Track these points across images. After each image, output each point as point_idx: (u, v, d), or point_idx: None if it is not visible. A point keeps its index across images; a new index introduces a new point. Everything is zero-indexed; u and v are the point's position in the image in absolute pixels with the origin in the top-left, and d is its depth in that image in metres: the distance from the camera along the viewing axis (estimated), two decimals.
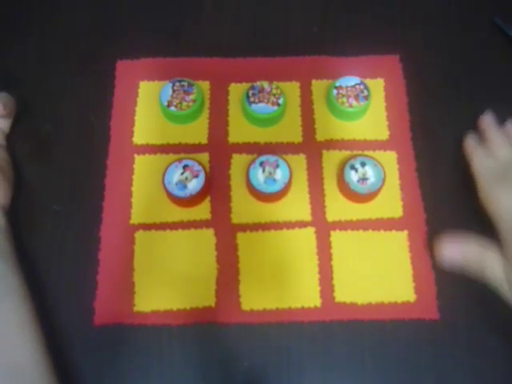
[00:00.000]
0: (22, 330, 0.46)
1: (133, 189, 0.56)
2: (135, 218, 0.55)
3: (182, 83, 0.58)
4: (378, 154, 0.57)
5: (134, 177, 0.57)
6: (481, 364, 0.50)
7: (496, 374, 0.50)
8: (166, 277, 0.53)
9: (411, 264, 0.53)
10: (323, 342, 0.51)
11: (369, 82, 0.60)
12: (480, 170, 0.53)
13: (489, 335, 0.51)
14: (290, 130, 0.59)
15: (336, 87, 0.58)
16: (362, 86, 0.58)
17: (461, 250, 0.49)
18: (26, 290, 0.48)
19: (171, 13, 0.65)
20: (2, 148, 0.56)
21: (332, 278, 0.53)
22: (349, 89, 0.58)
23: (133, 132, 0.59)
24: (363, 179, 0.54)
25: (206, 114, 0.60)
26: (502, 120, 0.59)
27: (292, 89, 0.61)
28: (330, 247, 0.54)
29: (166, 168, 0.54)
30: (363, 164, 0.55)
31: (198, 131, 0.59)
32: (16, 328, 0.46)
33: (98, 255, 0.53)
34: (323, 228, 0.55)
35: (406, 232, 0.54)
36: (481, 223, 0.55)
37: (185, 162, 0.54)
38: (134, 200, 0.56)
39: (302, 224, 0.55)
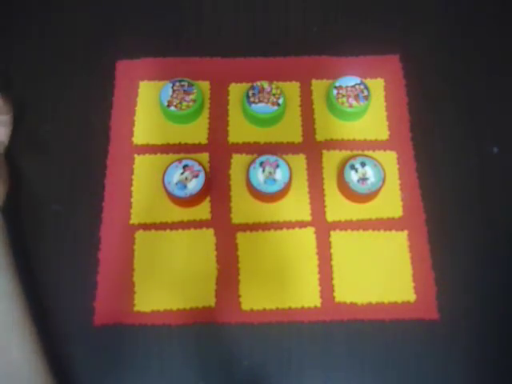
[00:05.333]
0: (14, 331, 0.46)
1: (133, 189, 0.56)
2: (135, 218, 0.55)
3: (182, 83, 0.58)
4: (378, 154, 0.57)
5: (133, 177, 0.57)
6: (480, 364, 0.50)
7: (496, 374, 0.50)
8: (165, 277, 0.53)
9: (411, 264, 0.53)
10: (323, 342, 0.51)
11: (369, 82, 0.60)
12: None
13: (488, 335, 0.51)
14: (290, 130, 0.59)
15: (336, 87, 0.58)
16: (362, 86, 0.58)
17: None
18: (19, 291, 0.47)
19: (171, 13, 0.65)
20: None
21: (332, 278, 0.53)
22: (349, 89, 0.58)
23: (133, 132, 0.59)
24: (363, 179, 0.54)
25: (205, 114, 0.59)
26: (502, 121, 0.59)
27: (292, 89, 0.61)
28: (329, 247, 0.54)
29: (166, 168, 0.54)
30: (363, 164, 0.55)
31: (198, 131, 0.59)
32: (8, 329, 0.46)
33: (98, 255, 0.53)
34: (323, 228, 0.55)
35: (405, 232, 0.54)
36: (481, 223, 0.55)
37: (185, 162, 0.54)
38: (133, 200, 0.56)
39: (301, 224, 0.55)
